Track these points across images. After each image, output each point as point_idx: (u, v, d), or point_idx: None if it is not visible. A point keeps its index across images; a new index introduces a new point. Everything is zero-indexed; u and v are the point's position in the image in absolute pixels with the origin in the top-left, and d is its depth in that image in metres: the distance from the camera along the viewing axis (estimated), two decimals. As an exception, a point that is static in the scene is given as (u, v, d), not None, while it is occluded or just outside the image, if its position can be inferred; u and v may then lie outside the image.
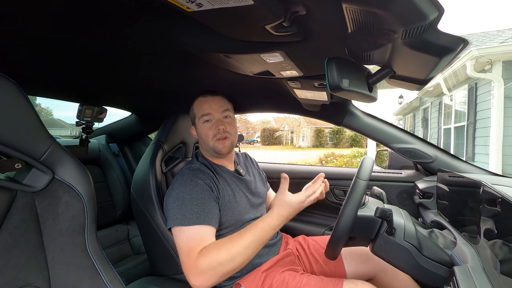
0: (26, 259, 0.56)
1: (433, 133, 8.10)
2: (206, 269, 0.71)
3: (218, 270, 0.72)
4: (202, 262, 0.72)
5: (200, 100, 0.99)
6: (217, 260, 0.72)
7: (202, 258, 0.72)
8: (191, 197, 0.82)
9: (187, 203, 0.81)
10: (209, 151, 0.99)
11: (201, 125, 0.97)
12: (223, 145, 0.96)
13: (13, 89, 0.54)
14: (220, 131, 0.95)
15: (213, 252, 0.73)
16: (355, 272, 1.01)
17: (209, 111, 0.96)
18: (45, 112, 22.26)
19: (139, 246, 1.68)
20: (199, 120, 0.97)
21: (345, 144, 21.02)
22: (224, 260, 0.72)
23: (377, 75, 0.62)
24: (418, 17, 0.39)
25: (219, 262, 0.72)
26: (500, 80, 4.49)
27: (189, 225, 0.78)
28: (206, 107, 0.97)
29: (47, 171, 0.60)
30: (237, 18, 0.50)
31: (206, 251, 0.74)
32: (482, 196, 0.69)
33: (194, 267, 0.72)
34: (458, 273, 0.61)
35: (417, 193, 1.22)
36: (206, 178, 0.89)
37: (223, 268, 0.72)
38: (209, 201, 0.84)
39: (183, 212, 0.80)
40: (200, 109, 0.97)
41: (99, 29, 0.63)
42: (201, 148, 1.04)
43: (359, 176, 0.75)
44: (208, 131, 0.96)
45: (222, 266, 0.72)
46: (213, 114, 0.96)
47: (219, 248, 0.74)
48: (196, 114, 0.98)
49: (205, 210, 0.81)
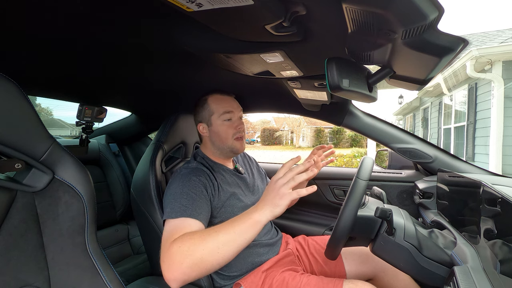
0: (26, 259, 0.56)
1: (433, 133, 8.10)
2: (174, 254, 0.63)
3: (185, 258, 0.62)
4: (174, 245, 0.64)
5: (218, 97, 0.98)
6: (187, 245, 0.64)
7: (175, 242, 0.65)
8: (182, 191, 0.82)
9: (177, 197, 0.80)
10: (223, 150, 0.99)
11: (221, 123, 0.96)
12: (241, 144, 0.98)
13: (13, 89, 0.54)
14: (240, 130, 0.97)
15: (186, 237, 0.66)
16: (355, 272, 1.01)
17: (231, 109, 0.97)
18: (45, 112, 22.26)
19: (139, 246, 1.68)
20: (218, 117, 0.96)
21: (345, 144, 21.03)
22: (197, 246, 0.63)
23: (377, 75, 0.61)
24: (418, 17, 0.39)
25: (188, 247, 0.63)
26: (500, 80, 4.49)
27: (176, 217, 0.75)
28: (228, 105, 0.97)
29: (47, 171, 0.60)
30: (237, 18, 0.50)
31: (180, 237, 0.67)
32: (482, 196, 0.69)
33: (165, 252, 0.66)
34: (458, 273, 0.61)
35: (417, 193, 1.22)
36: (202, 176, 0.89)
37: (190, 258, 0.62)
38: (199, 197, 0.82)
39: (172, 205, 0.78)
40: (220, 106, 0.97)
41: (99, 29, 0.63)
42: (206, 147, 1.03)
43: (359, 176, 0.75)
44: (228, 129, 0.96)
45: (190, 253, 0.62)
46: (234, 113, 0.97)
47: (193, 234, 0.67)
48: (215, 111, 0.97)
49: (194, 204, 0.79)
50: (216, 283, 0.93)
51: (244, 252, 0.94)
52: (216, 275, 0.93)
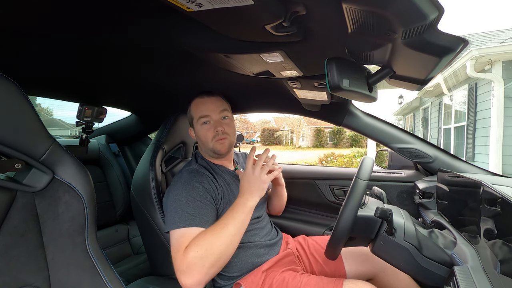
0: (26, 259, 0.56)
1: (433, 133, 8.10)
2: (193, 260, 0.69)
3: (205, 260, 0.69)
4: (189, 252, 0.70)
5: (197, 101, 0.99)
6: (204, 246, 0.70)
7: (189, 249, 0.71)
8: (187, 199, 0.82)
9: (183, 206, 0.81)
10: (208, 152, 0.99)
11: (199, 127, 0.97)
12: (222, 145, 0.95)
13: (13, 89, 0.54)
14: (219, 132, 0.94)
15: (198, 240, 0.72)
16: (355, 272, 1.01)
17: (207, 112, 0.96)
18: (45, 112, 22.25)
19: (139, 246, 1.68)
20: (197, 122, 0.97)
21: (345, 144, 21.02)
22: (213, 244, 0.71)
23: (377, 75, 0.61)
24: (418, 17, 0.39)
25: (206, 249, 0.70)
26: (500, 80, 4.49)
27: (184, 227, 0.77)
28: (204, 109, 0.96)
29: (47, 171, 0.60)
30: (237, 18, 0.50)
31: (192, 242, 0.73)
32: (482, 196, 0.69)
33: (182, 261, 0.70)
34: (458, 273, 0.61)
35: (417, 193, 1.22)
36: (204, 180, 0.89)
37: (211, 257, 0.70)
38: (205, 204, 0.84)
39: (179, 215, 0.79)
40: (197, 110, 0.97)
41: (99, 29, 0.63)
42: (200, 149, 1.04)
43: (359, 176, 0.75)
44: (206, 132, 0.95)
45: (209, 253, 0.70)
46: (211, 116, 0.96)
47: (204, 235, 0.74)
48: (194, 116, 0.98)
49: (201, 213, 0.80)
50: (216, 283, 0.93)
51: (245, 253, 0.94)
52: (216, 275, 0.93)
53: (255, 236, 0.98)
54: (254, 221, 1.01)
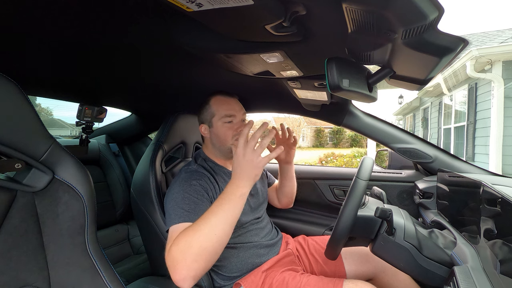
0: (26, 259, 0.56)
1: (433, 133, 8.10)
2: (175, 254, 0.64)
3: (186, 253, 0.63)
4: (172, 247, 0.66)
5: (220, 99, 0.98)
6: (184, 240, 0.65)
7: (173, 243, 0.67)
8: (183, 196, 0.82)
9: (179, 203, 0.80)
10: (221, 151, 0.99)
11: (221, 124, 0.96)
12: None
13: (13, 89, 0.54)
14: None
15: (181, 234, 0.68)
16: (355, 272, 1.01)
17: (233, 112, 0.96)
18: (45, 112, 22.21)
19: (139, 246, 1.68)
20: (219, 120, 0.96)
21: (345, 144, 21.01)
22: (192, 236, 0.65)
23: (377, 75, 0.61)
24: (418, 17, 0.39)
25: (185, 241, 0.65)
26: (500, 80, 4.49)
27: (178, 223, 0.76)
28: (230, 108, 0.97)
29: (47, 171, 0.60)
30: (237, 18, 0.50)
31: (176, 237, 0.68)
32: (482, 196, 0.69)
33: (167, 256, 0.66)
34: (458, 273, 0.61)
35: (417, 193, 1.22)
36: (202, 179, 0.89)
37: (191, 250, 0.63)
38: (201, 200, 0.83)
39: (175, 212, 0.79)
40: (222, 108, 0.97)
41: (99, 29, 0.63)
42: (207, 148, 1.03)
43: (359, 176, 0.75)
44: (228, 131, 0.96)
45: (188, 245, 0.64)
46: (236, 116, 0.97)
47: (187, 229, 0.68)
48: (216, 112, 0.97)
49: (196, 209, 0.79)
50: (216, 283, 0.93)
51: (245, 254, 0.94)
52: (216, 275, 0.93)
53: (255, 236, 0.98)
54: (254, 221, 1.01)
